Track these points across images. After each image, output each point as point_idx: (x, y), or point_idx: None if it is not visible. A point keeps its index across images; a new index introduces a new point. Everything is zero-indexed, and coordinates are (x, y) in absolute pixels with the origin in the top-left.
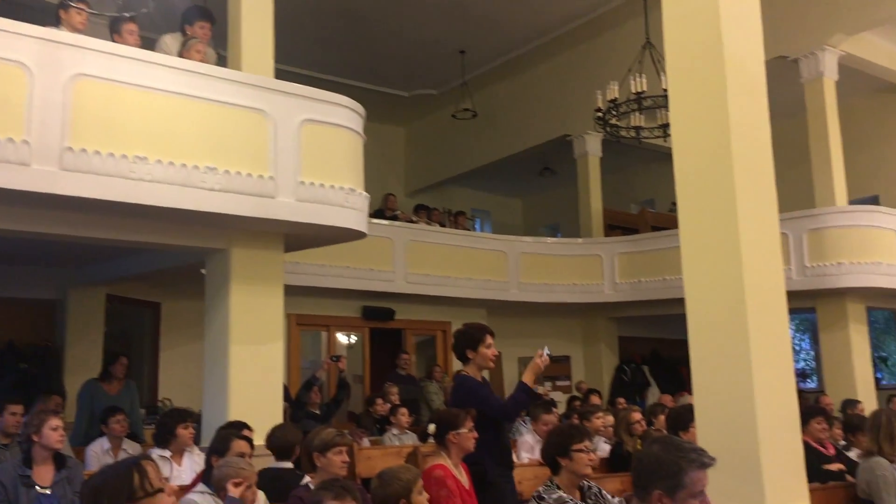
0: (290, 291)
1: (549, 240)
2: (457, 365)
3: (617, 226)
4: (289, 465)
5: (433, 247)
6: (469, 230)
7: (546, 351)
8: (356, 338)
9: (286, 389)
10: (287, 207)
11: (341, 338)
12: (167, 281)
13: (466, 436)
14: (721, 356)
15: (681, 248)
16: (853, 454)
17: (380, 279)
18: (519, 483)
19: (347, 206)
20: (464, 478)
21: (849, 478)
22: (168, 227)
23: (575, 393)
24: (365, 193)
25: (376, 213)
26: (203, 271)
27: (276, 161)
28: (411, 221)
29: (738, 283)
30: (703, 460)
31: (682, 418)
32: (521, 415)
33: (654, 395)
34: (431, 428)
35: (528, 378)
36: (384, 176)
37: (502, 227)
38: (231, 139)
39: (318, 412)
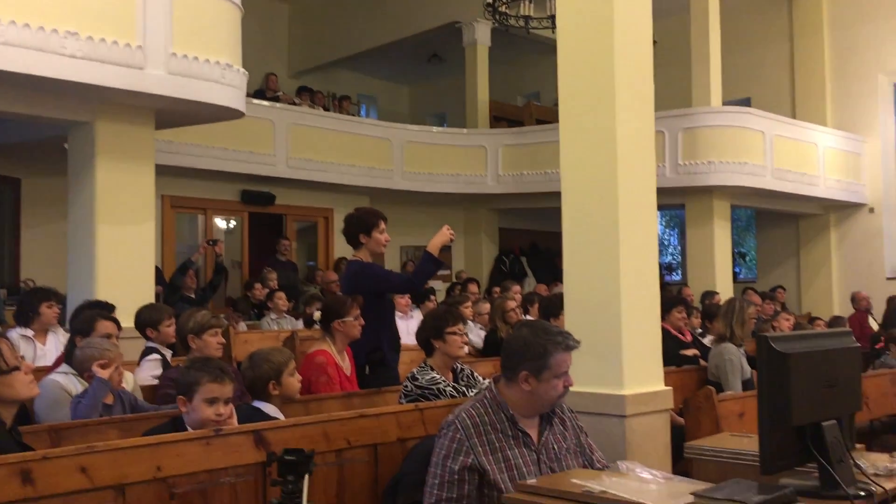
0: (164, 171)
1: (435, 129)
2: (339, 252)
3: (502, 118)
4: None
5: (316, 131)
6: (354, 116)
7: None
8: (235, 222)
9: (159, 273)
10: (157, 80)
11: (219, 222)
12: (28, 155)
13: (352, 324)
14: (591, 247)
15: (560, 141)
16: (707, 341)
17: (260, 162)
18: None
19: (223, 83)
20: (346, 364)
21: (702, 362)
22: (25, 95)
23: (454, 282)
24: (243, 70)
25: (256, 94)
26: (66, 146)
27: (145, 29)
28: (293, 104)
29: (611, 177)
30: (568, 343)
31: (554, 306)
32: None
33: (531, 285)
34: (317, 315)
35: (433, 247)
36: (266, 55)
37: (388, 114)
38: (95, 2)
39: (192, 296)
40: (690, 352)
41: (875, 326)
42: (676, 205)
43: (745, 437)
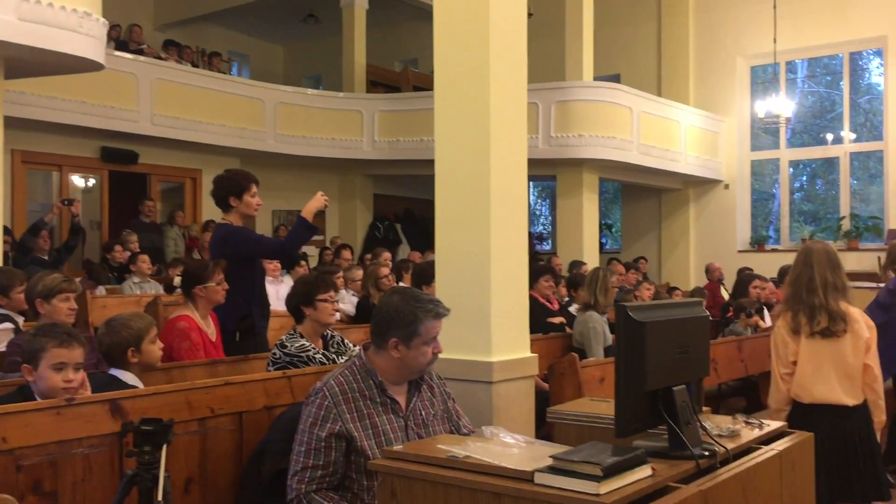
0: (14, 124)
1: (310, 91)
2: (207, 214)
3: (379, 83)
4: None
5: (183, 88)
6: (225, 73)
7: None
8: (94, 181)
9: (8, 232)
10: (5, 26)
11: (76, 180)
12: None
13: (214, 289)
14: (463, 215)
15: (434, 109)
16: (573, 309)
17: (121, 118)
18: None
19: (81, 32)
20: (211, 330)
21: (568, 329)
22: None
23: (328, 248)
24: (103, 20)
25: (119, 46)
26: None
27: None
28: (159, 58)
29: (484, 146)
30: (437, 311)
31: (426, 273)
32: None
33: (405, 252)
34: (177, 280)
35: (307, 213)
36: (129, 5)
37: (261, 73)
38: None
39: (45, 258)
40: (557, 320)
41: (726, 296)
42: (548, 176)
43: (603, 402)
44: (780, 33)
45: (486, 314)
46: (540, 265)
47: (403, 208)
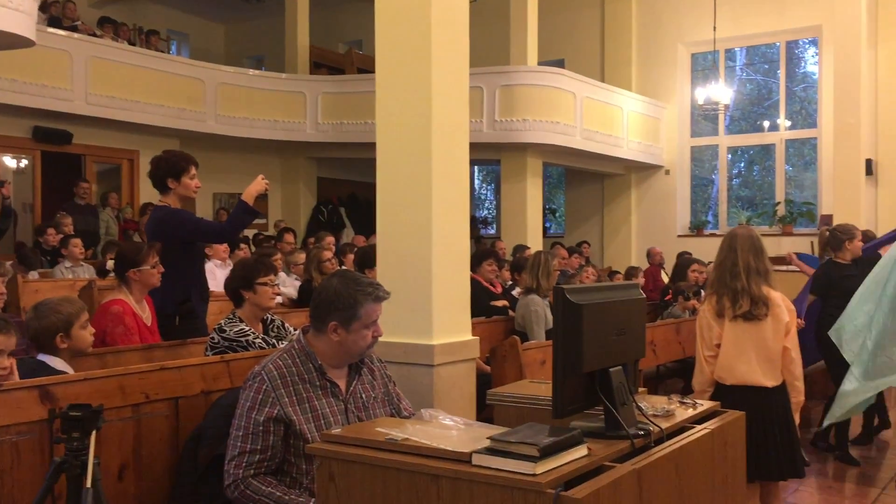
0: None
1: (252, 72)
2: (145, 197)
3: (323, 64)
4: None
5: (120, 66)
6: (163, 52)
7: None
8: (26, 161)
9: None
10: None
11: (7, 161)
12: None
13: (149, 272)
14: (405, 198)
15: (376, 91)
16: (516, 292)
17: (55, 97)
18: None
19: (10, 7)
20: (147, 314)
21: (510, 312)
22: None
23: (271, 232)
24: None
25: (52, 22)
26: None
27: None
28: (94, 35)
29: (426, 129)
30: (378, 294)
31: (369, 257)
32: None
33: (349, 235)
34: (110, 264)
35: (248, 196)
36: None
37: (201, 53)
38: None
39: None
40: (500, 303)
41: (666, 280)
42: (492, 160)
43: (542, 384)
44: (719, 21)
45: (428, 297)
46: (483, 249)
47: (348, 192)
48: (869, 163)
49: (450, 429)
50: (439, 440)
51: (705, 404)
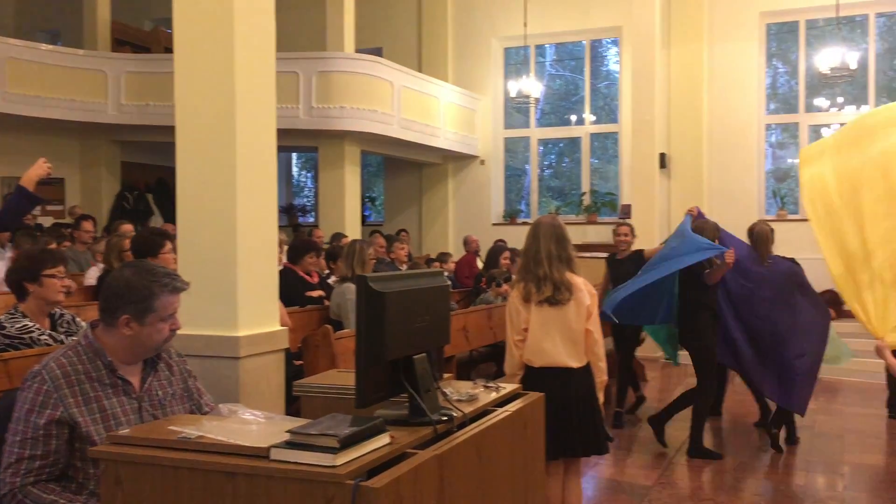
0: None
1: (45, 47)
2: None
3: (127, 42)
4: None
5: None
6: None
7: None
8: None
9: None
10: None
11: None
12: None
13: None
14: (207, 185)
15: (175, 71)
16: (332, 281)
17: None
18: None
19: None
20: None
21: (326, 302)
22: None
23: (67, 219)
24: None
25: None
26: None
27: None
28: None
29: (229, 113)
30: (175, 285)
31: (151, 243)
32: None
33: (157, 223)
34: None
35: (27, 181)
36: None
37: None
38: None
39: None
40: (316, 293)
41: (481, 266)
42: (310, 147)
43: (350, 373)
44: (529, 18)
45: (233, 287)
46: (304, 241)
47: (156, 177)
48: (662, 156)
49: (249, 423)
50: (236, 436)
51: (508, 387)
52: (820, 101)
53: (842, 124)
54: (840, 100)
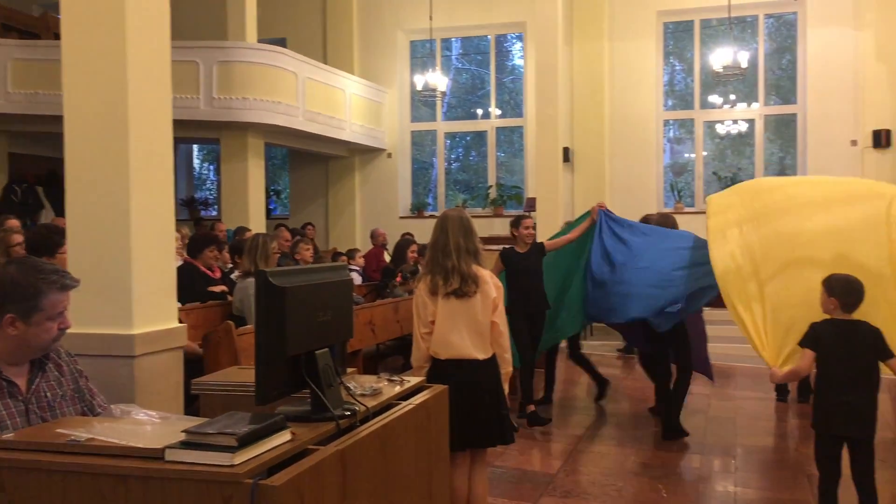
0: None
1: None
2: None
3: (13, 27)
4: None
5: None
6: None
7: None
8: None
9: None
10: None
11: None
12: None
13: None
14: (98, 178)
15: (62, 59)
16: (235, 276)
17: None
18: None
19: None
20: None
21: (230, 297)
22: None
23: None
24: None
25: None
26: None
27: None
28: None
29: (121, 103)
30: (64, 282)
31: (49, 241)
32: None
33: (48, 217)
34: None
35: None
36: None
37: None
38: None
39: None
40: (218, 288)
41: (389, 260)
42: (212, 139)
43: (251, 370)
44: (435, 12)
45: (127, 284)
46: (204, 234)
47: (46, 169)
48: (566, 151)
49: (143, 424)
50: (129, 437)
51: (412, 380)
52: (714, 98)
53: (734, 121)
54: (732, 97)
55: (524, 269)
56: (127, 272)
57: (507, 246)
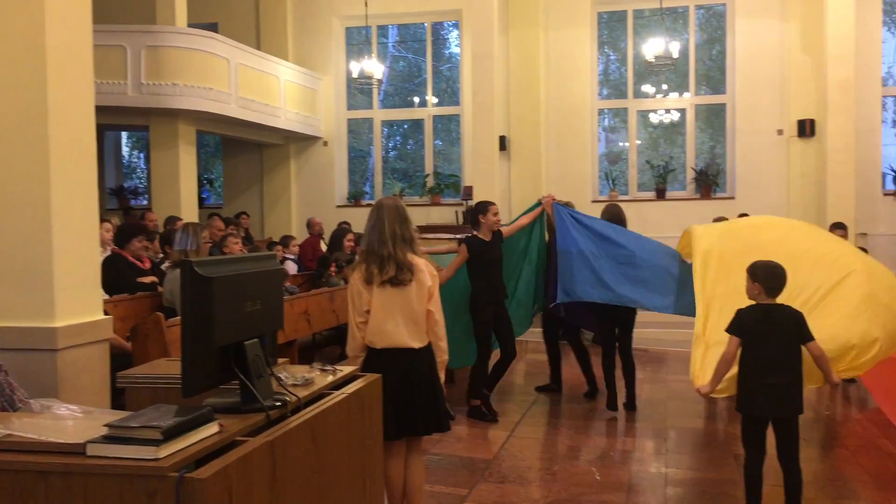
0: None
1: None
2: None
3: None
4: None
5: None
6: None
7: None
8: None
9: None
10: None
11: None
12: None
13: None
14: (15, 167)
15: None
16: (166, 266)
17: None
18: None
19: None
20: None
21: (160, 288)
22: None
23: None
24: None
25: None
26: None
27: None
28: None
29: (40, 88)
30: None
31: None
32: None
33: None
34: None
35: None
36: None
37: None
38: None
39: None
40: (148, 279)
41: (325, 249)
42: (141, 126)
43: (179, 362)
44: None
45: (48, 276)
46: (131, 224)
47: None
48: (503, 139)
49: (64, 419)
50: (49, 433)
51: (345, 370)
52: (647, 88)
53: (667, 110)
54: (665, 87)
55: (489, 259)
56: (48, 263)
57: (469, 235)
